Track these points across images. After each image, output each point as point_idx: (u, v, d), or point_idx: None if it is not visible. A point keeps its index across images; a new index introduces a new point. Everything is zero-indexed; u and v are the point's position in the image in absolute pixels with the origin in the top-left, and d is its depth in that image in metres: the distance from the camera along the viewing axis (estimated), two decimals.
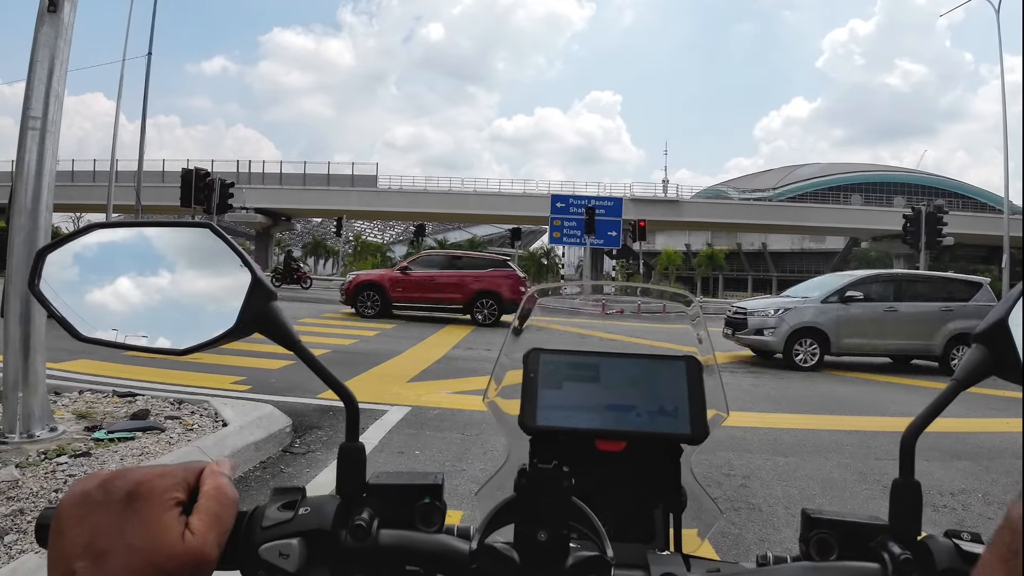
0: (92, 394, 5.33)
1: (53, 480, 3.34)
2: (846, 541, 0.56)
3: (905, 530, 0.54)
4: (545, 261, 56.84)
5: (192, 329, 0.59)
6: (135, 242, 0.63)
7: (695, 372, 0.77)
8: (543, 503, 0.50)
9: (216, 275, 0.60)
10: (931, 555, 0.49)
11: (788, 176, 67.50)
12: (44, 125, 4.07)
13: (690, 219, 45.78)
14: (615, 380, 0.77)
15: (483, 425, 5.30)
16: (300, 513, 0.51)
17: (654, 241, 57.83)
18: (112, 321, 0.59)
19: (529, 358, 0.78)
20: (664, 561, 0.51)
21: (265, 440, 4.41)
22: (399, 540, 0.52)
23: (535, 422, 0.74)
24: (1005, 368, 0.54)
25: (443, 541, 0.52)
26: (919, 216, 19.87)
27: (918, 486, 0.55)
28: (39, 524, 0.50)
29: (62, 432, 4.13)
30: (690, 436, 0.73)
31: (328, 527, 0.51)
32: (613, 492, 0.76)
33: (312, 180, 45.92)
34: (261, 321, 0.57)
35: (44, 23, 4.08)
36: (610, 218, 29.62)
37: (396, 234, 75.73)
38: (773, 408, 6.85)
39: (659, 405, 0.75)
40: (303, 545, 0.49)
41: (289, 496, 0.53)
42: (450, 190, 46.56)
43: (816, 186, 60.77)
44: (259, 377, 6.96)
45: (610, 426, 0.74)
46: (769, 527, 3.51)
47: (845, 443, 5.46)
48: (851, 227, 45.92)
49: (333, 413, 5.52)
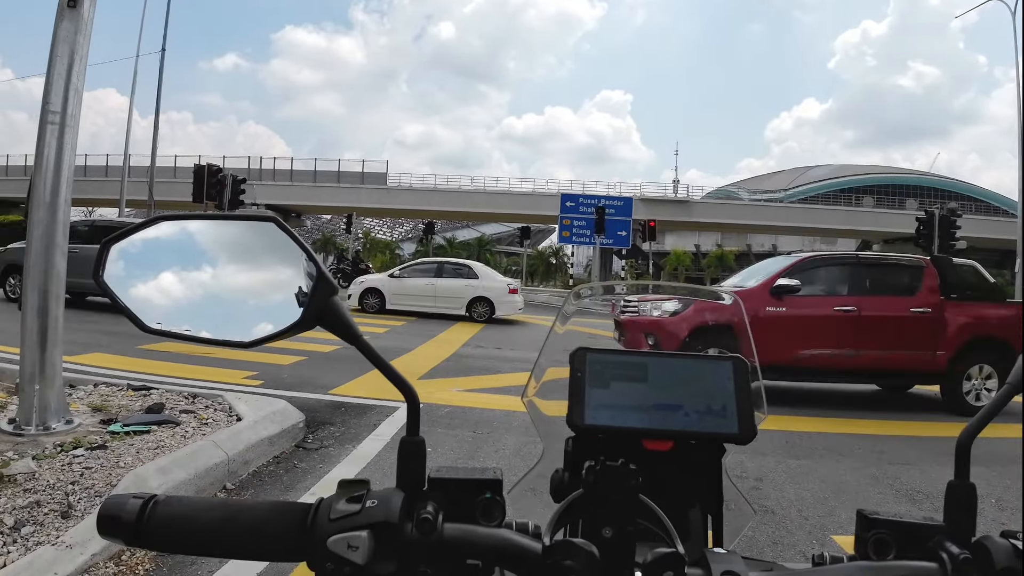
0: (107, 387, 5.37)
1: (69, 472, 3.36)
2: (902, 541, 0.56)
3: (961, 531, 0.54)
4: (554, 260, 56.69)
5: (256, 322, 0.60)
6: (200, 235, 0.63)
7: (742, 373, 0.78)
8: (613, 500, 0.50)
9: (280, 269, 0.60)
10: (989, 555, 0.50)
11: (799, 177, 67.10)
12: (63, 120, 4.09)
13: (700, 219, 45.58)
14: (662, 380, 0.77)
15: (494, 423, 5.30)
16: (367, 506, 0.52)
17: (664, 241, 57.59)
18: (176, 313, 0.60)
19: (576, 357, 0.79)
20: (723, 559, 0.51)
21: (279, 435, 4.43)
22: (463, 534, 0.53)
23: (583, 420, 0.74)
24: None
25: (509, 536, 0.52)
26: (932, 219, 19.69)
27: (973, 488, 0.56)
28: (101, 515, 0.52)
29: (78, 425, 4.16)
30: (738, 436, 0.74)
31: (395, 520, 0.51)
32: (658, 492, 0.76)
33: (322, 177, 46.01)
34: (324, 315, 0.58)
35: (64, 18, 4.11)
36: (620, 218, 29.57)
37: (405, 231, 75.73)
38: (786, 410, 6.81)
39: (706, 405, 0.75)
40: (371, 538, 0.50)
41: (356, 489, 0.53)
42: (459, 188, 46.54)
43: (827, 188, 60.33)
44: (271, 372, 7.00)
45: (657, 425, 0.74)
46: (782, 529, 3.50)
47: (857, 446, 5.44)
48: (863, 229, 45.56)
49: (345, 409, 5.54)
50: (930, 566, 0.51)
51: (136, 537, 0.53)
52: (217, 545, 0.54)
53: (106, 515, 0.53)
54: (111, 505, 0.53)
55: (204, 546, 0.54)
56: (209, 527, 0.53)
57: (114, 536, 0.53)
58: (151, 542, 0.53)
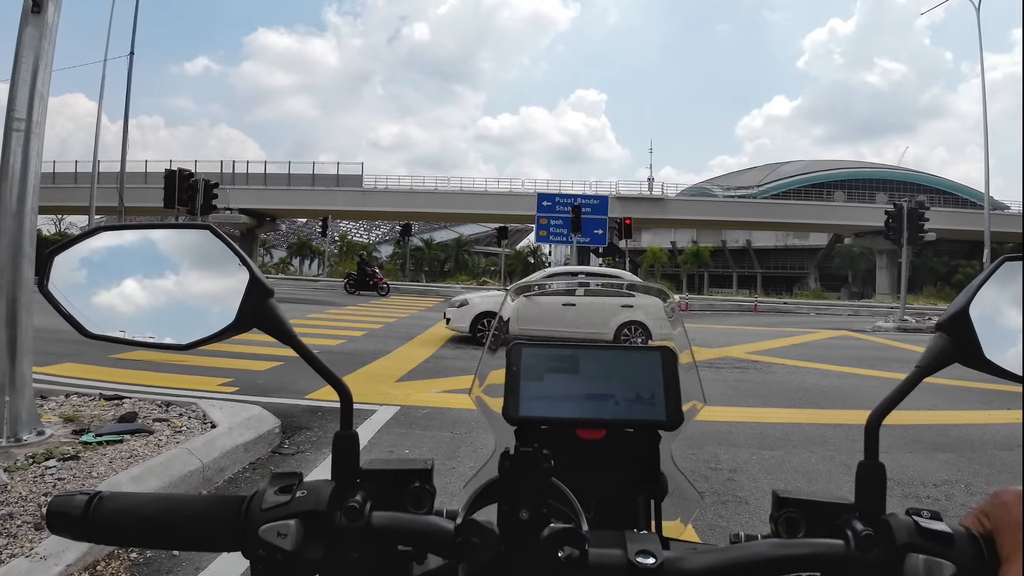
0: (79, 397, 5.30)
1: (42, 483, 3.33)
2: (814, 519, 0.58)
3: (870, 509, 0.56)
4: (532, 260, 56.81)
5: (195, 326, 0.62)
6: (139, 243, 0.66)
7: (670, 362, 0.81)
8: (524, 483, 0.52)
9: (216, 274, 0.63)
10: (892, 531, 0.52)
11: (772, 174, 67.79)
12: (28, 127, 4.04)
13: (675, 217, 45.88)
14: (594, 371, 0.80)
15: (472, 423, 5.32)
16: (297, 496, 0.54)
17: (640, 239, 57.89)
18: (118, 319, 0.63)
19: (511, 352, 0.82)
20: (641, 540, 0.53)
21: (254, 441, 4.41)
22: (390, 521, 0.55)
23: (518, 413, 0.77)
24: (966, 355, 0.57)
25: (431, 521, 0.55)
26: (901, 212, 20.04)
27: (882, 467, 0.58)
28: (50, 512, 0.54)
29: (50, 436, 4.10)
30: (665, 422, 0.77)
31: (323, 509, 0.53)
32: (597, 480, 0.79)
33: (297, 180, 45.54)
34: (259, 317, 0.60)
35: (28, 24, 4.06)
36: (596, 216, 29.65)
37: (382, 234, 75.31)
38: (759, 403, 6.91)
39: (636, 394, 0.78)
40: (300, 526, 0.52)
41: (287, 480, 0.56)
42: (436, 189, 46.32)
43: (799, 183, 61.01)
44: (247, 378, 6.94)
45: (589, 415, 0.77)
46: (756, 519, 3.56)
47: (830, 436, 5.53)
48: (834, 224, 46.24)
49: (322, 414, 5.52)
50: (835, 543, 0.53)
51: (84, 532, 0.55)
52: (159, 537, 0.57)
53: (54, 512, 0.55)
54: (59, 503, 0.56)
55: (147, 538, 0.57)
56: (151, 520, 0.56)
57: (63, 532, 0.55)
58: (98, 536, 0.55)
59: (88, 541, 0.56)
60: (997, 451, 5.18)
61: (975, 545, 0.51)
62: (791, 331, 16.72)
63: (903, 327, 19.23)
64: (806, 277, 62.54)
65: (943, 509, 3.80)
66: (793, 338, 14.83)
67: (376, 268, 30.01)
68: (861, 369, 10.07)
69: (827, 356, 11.30)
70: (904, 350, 13.14)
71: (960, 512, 3.94)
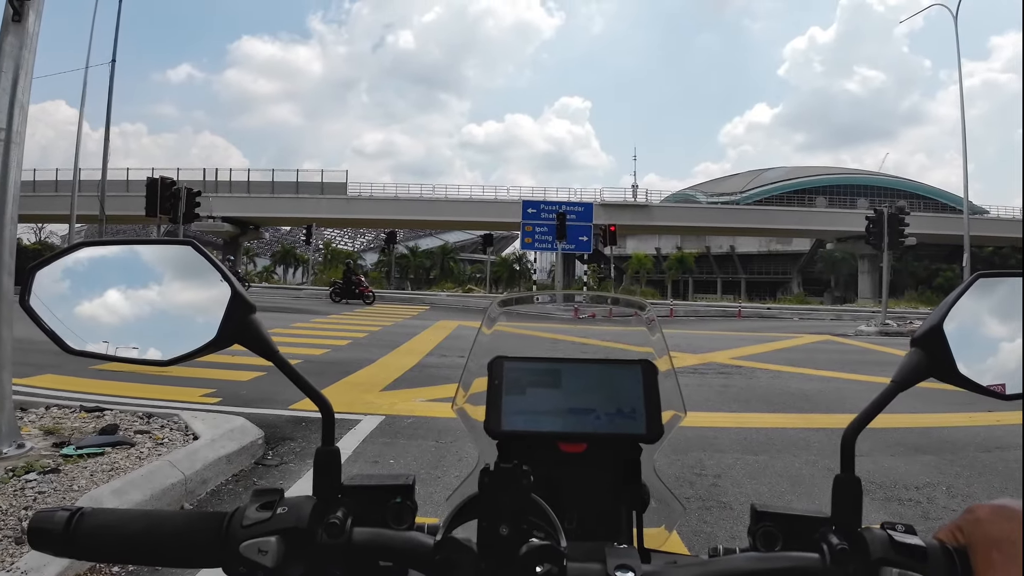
0: (59, 409, 5.23)
1: (23, 497, 3.28)
2: (790, 533, 0.59)
3: (846, 523, 0.57)
4: (517, 267, 56.83)
5: (177, 342, 0.62)
6: (121, 259, 0.66)
7: (650, 375, 0.82)
8: (503, 500, 0.53)
9: (198, 289, 0.63)
10: (867, 545, 0.53)
11: (754, 180, 68.28)
12: (9, 136, 4.00)
13: (660, 223, 46.18)
14: (575, 385, 0.81)
15: (457, 432, 5.30)
16: (278, 513, 0.54)
17: (625, 245, 58.10)
18: (100, 334, 0.63)
19: (494, 365, 0.82)
20: (621, 554, 0.54)
21: (237, 453, 4.37)
22: (371, 537, 0.55)
23: (500, 427, 0.78)
24: (941, 370, 0.59)
25: (411, 537, 0.55)
26: (882, 217, 20.30)
27: (858, 481, 0.59)
28: (31, 528, 0.54)
29: (30, 449, 4.05)
30: (645, 436, 0.77)
31: (304, 525, 0.54)
32: (579, 493, 0.80)
33: (281, 188, 45.31)
34: (241, 333, 0.61)
35: (8, 33, 4.02)
36: (581, 223, 29.79)
37: (367, 241, 75.06)
38: (743, 408, 6.95)
39: (617, 407, 0.79)
40: (281, 542, 0.53)
41: (268, 497, 0.56)
42: (421, 197, 46.24)
43: (781, 189, 61.53)
44: (229, 389, 6.87)
45: (571, 429, 0.78)
46: (740, 524, 3.57)
47: (813, 440, 5.57)
48: (816, 229, 46.70)
49: (306, 424, 5.48)
50: (811, 556, 0.54)
51: (65, 548, 0.55)
52: (141, 553, 0.57)
53: (36, 528, 0.56)
54: (40, 518, 0.56)
55: (129, 554, 0.57)
56: (133, 536, 0.56)
57: (45, 548, 0.56)
58: (80, 552, 0.55)
59: (69, 557, 0.56)
60: (978, 453, 5.24)
61: (949, 559, 0.52)
62: (775, 336, 16.85)
63: (885, 331, 19.42)
64: (789, 282, 63.02)
65: (925, 511, 3.86)
66: (777, 343, 14.94)
67: (362, 276, 29.67)
68: (844, 373, 10.14)
69: (810, 360, 11.39)
70: (886, 353, 13.24)
71: (942, 515, 3.98)
